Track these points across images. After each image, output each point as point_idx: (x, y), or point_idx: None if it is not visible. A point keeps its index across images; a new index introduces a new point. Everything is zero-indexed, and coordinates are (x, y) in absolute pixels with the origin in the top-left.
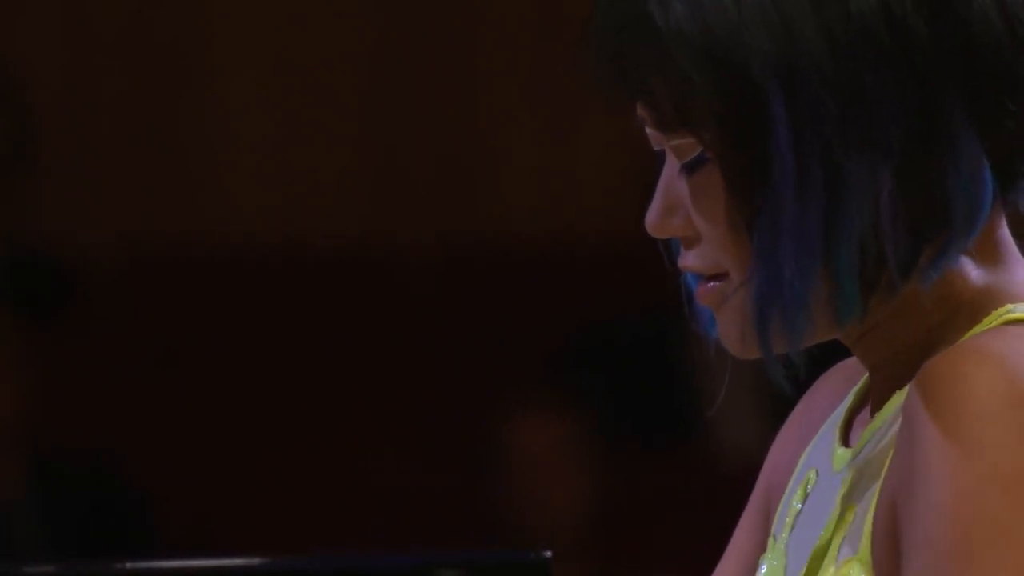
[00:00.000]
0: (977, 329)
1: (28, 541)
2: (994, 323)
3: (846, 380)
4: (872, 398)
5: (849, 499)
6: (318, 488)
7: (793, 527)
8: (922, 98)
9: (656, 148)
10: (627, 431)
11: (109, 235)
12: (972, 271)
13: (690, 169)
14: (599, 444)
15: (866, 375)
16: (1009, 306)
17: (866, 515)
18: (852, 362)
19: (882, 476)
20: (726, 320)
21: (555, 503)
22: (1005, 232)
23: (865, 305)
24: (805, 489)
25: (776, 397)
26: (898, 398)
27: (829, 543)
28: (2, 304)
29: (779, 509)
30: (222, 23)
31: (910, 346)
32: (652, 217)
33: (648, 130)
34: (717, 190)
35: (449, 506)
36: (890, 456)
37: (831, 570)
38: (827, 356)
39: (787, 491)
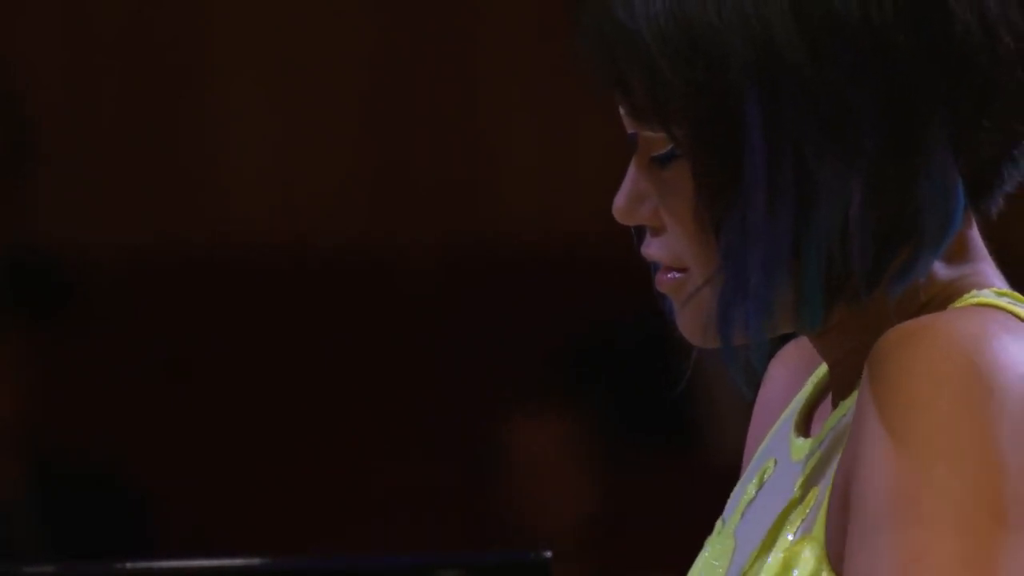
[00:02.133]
0: None
1: (28, 541)
2: (956, 304)
3: (804, 362)
4: (833, 391)
5: (809, 484)
6: (318, 489)
7: (744, 513)
8: (898, 110)
9: (630, 131)
10: (627, 432)
11: (110, 236)
12: (940, 271)
13: (661, 163)
14: (599, 445)
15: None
16: (974, 291)
17: (824, 496)
18: (807, 345)
19: (839, 458)
20: (686, 313)
21: (555, 504)
22: (974, 232)
23: (828, 312)
24: (761, 478)
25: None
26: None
27: (784, 525)
28: (3, 305)
29: (733, 493)
30: (222, 25)
31: (873, 340)
32: (620, 203)
33: (621, 112)
34: (686, 187)
35: (449, 507)
36: (847, 437)
37: (784, 548)
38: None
39: (743, 477)
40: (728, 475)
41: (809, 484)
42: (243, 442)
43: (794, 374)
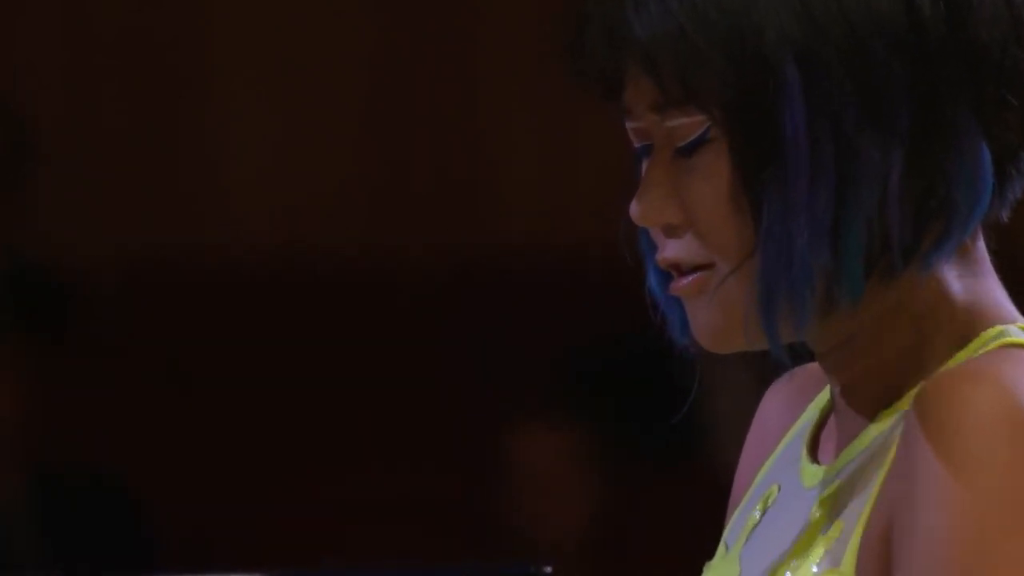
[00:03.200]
0: (968, 351)
1: (27, 553)
2: (989, 347)
3: (799, 392)
4: (845, 415)
5: (833, 514)
6: (318, 500)
7: (749, 538)
8: (930, 85)
9: (639, 144)
10: (628, 446)
11: (109, 245)
12: (953, 284)
13: (689, 151)
14: (600, 458)
15: (826, 388)
16: (1000, 327)
17: (853, 531)
18: (803, 371)
19: (873, 495)
20: (707, 310)
21: (556, 517)
22: (982, 245)
23: (865, 287)
24: (766, 503)
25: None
26: (885, 418)
27: (803, 554)
28: (1, 311)
29: (733, 518)
30: (222, 28)
31: (888, 363)
32: (643, 204)
33: (631, 125)
34: (719, 170)
35: (450, 519)
36: (882, 475)
37: None
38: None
39: (744, 502)
40: (728, 489)
41: (831, 515)
42: (244, 451)
43: (787, 406)
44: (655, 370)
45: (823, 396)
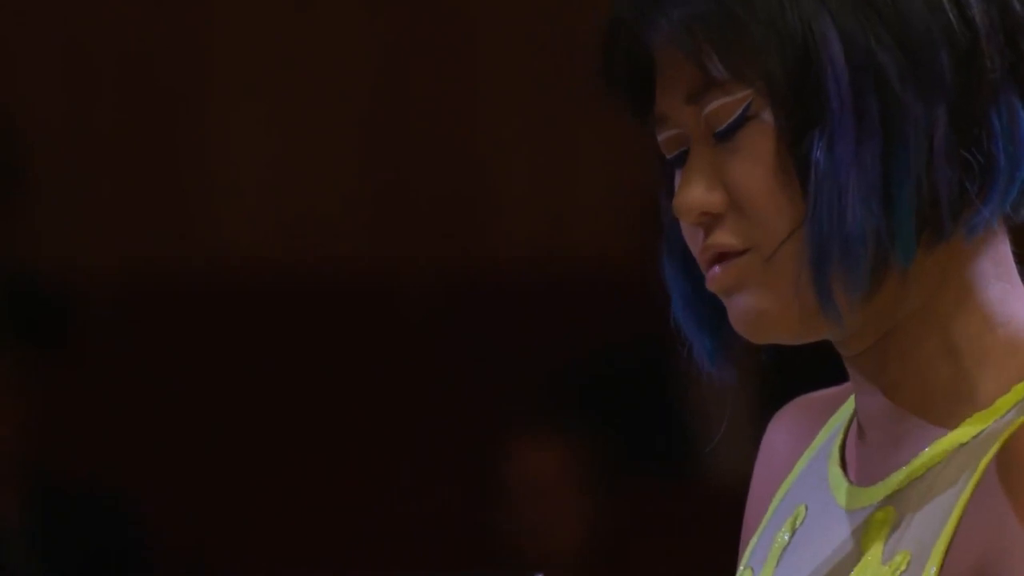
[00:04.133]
0: None
1: (26, 567)
2: None
3: (809, 417)
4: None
5: (895, 543)
6: (314, 513)
7: (780, 561)
8: (971, 43)
9: (672, 154)
10: (621, 457)
11: (108, 262)
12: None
13: (730, 133)
14: (593, 469)
15: (842, 407)
16: None
17: (926, 564)
18: (810, 399)
19: (948, 532)
20: (753, 295)
21: (549, 528)
22: (1008, 249)
23: (917, 248)
24: (793, 524)
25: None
26: (940, 446)
27: None
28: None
29: (754, 542)
30: (220, 47)
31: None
32: (688, 194)
33: (664, 135)
34: (764, 143)
35: (444, 530)
36: (956, 513)
37: None
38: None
39: (765, 525)
40: (721, 503)
41: (893, 546)
42: (240, 467)
43: (797, 431)
44: (648, 385)
45: (842, 415)
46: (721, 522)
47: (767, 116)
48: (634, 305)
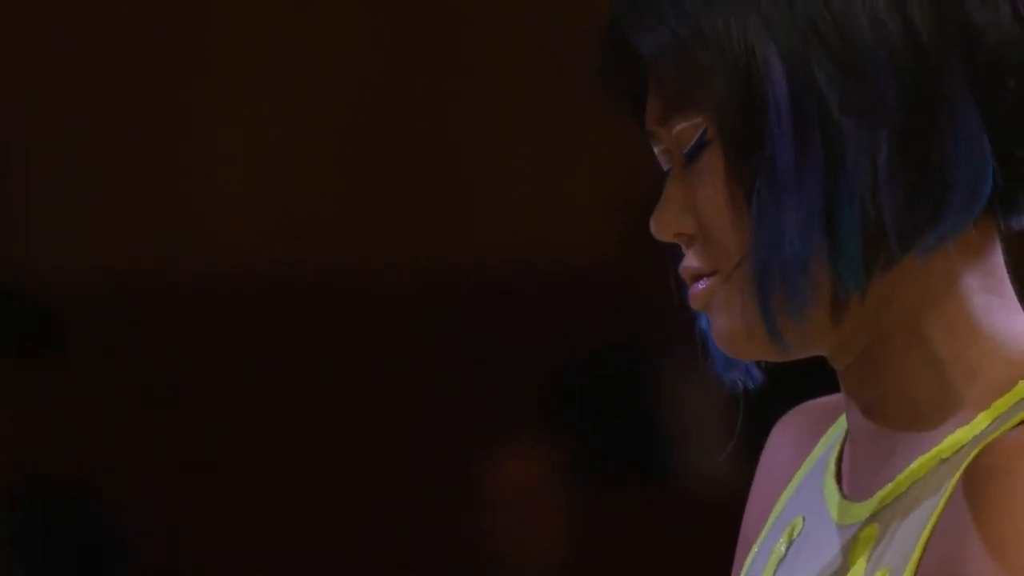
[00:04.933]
0: (1008, 400)
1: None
2: None
3: (810, 425)
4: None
5: (876, 561)
6: (298, 521)
7: (776, 570)
8: (917, 64)
9: (666, 167)
10: (605, 464)
11: (90, 269)
12: (976, 295)
13: (692, 156)
14: (578, 477)
15: (839, 419)
16: None
17: None
18: (811, 406)
19: (919, 548)
20: (718, 314)
21: (533, 536)
22: (1000, 259)
23: (867, 273)
24: (791, 535)
25: (751, 434)
26: (923, 462)
27: None
28: None
29: (752, 553)
30: (205, 54)
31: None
32: (658, 217)
33: (656, 149)
34: (718, 168)
35: (427, 537)
36: (927, 531)
37: None
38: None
39: (764, 537)
40: (702, 511)
41: (875, 562)
42: (223, 474)
43: (798, 440)
44: (630, 393)
45: (840, 425)
46: (705, 530)
47: (719, 141)
48: (619, 311)
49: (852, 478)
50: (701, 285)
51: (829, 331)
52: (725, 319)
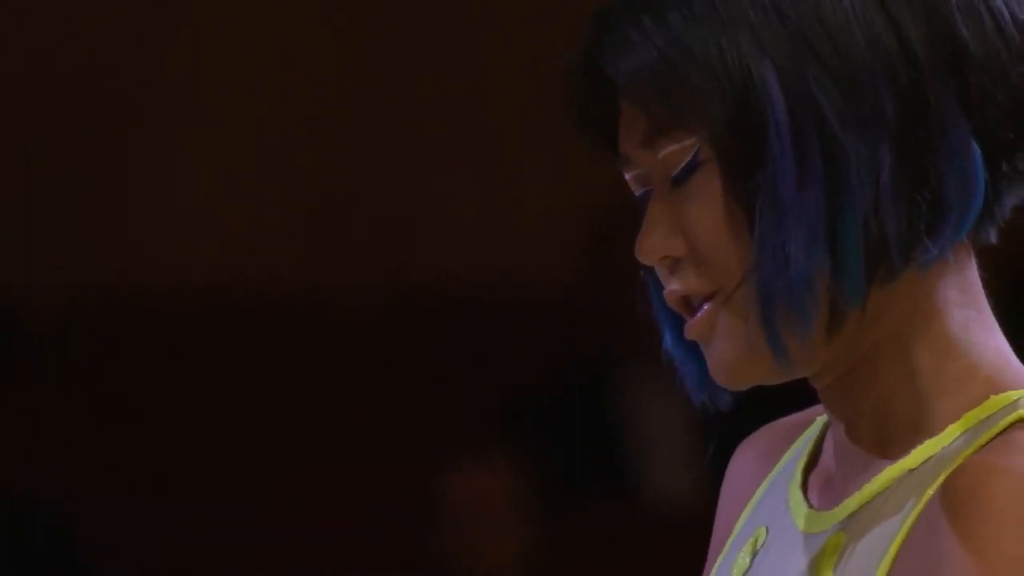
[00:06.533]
0: (978, 414)
1: None
2: (1003, 422)
3: (773, 443)
4: (845, 457)
5: (845, 570)
6: (256, 535)
7: None
8: (912, 79)
9: (639, 192)
10: (562, 482)
11: (44, 283)
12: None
13: (683, 178)
14: (534, 494)
15: (803, 434)
16: (1011, 395)
17: None
18: (774, 427)
19: (888, 562)
20: (720, 342)
21: (495, 550)
22: (975, 274)
23: (868, 288)
24: (754, 546)
25: (716, 451)
26: (889, 472)
27: None
28: None
29: (719, 563)
30: (161, 70)
31: (889, 401)
32: (646, 241)
33: (630, 175)
34: (714, 189)
35: (386, 552)
36: (895, 544)
37: None
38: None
39: (728, 547)
40: (664, 524)
41: (840, 570)
42: (180, 485)
43: (761, 458)
44: (590, 407)
45: (805, 438)
46: (667, 545)
47: (715, 162)
48: (581, 325)
49: (823, 489)
50: (701, 313)
51: (824, 348)
52: (728, 346)
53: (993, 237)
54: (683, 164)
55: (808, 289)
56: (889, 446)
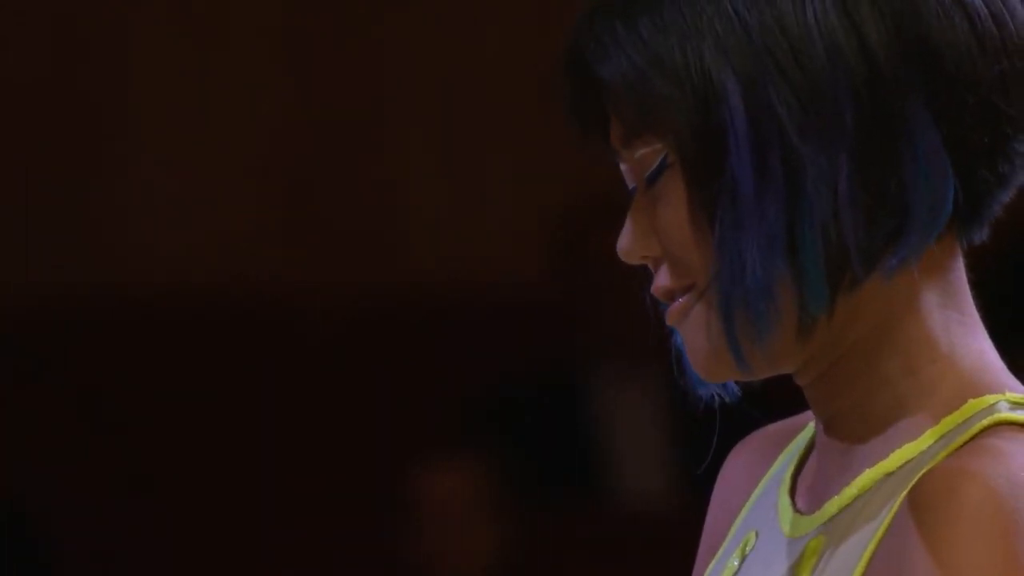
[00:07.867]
0: (955, 417)
1: None
2: (979, 424)
3: (767, 447)
4: (827, 459)
5: (822, 573)
6: (225, 541)
7: None
8: (874, 88)
9: (631, 185)
10: (533, 482)
11: (18, 286)
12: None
13: (652, 179)
14: (505, 495)
15: (799, 435)
16: (989, 399)
17: None
18: (770, 429)
19: (862, 566)
20: (691, 334)
21: (458, 552)
22: (962, 275)
23: (831, 298)
24: (744, 550)
25: (684, 449)
26: (868, 475)
27: None
28: None
29: (711, 567)
30: (137, 72)
31: (870, 401)
32: (623, 241)
33: (623, 168)
34: (680, 192)
35: (357, 554)
36: (870, 547)
37: None
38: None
39: (721, 552)
40: (633, 527)
41: (818, 574)
42: (157, 489)
43: (756, 460)
44: (562, 407)
45: (798, 443)
46: (634, 545)
47: (679, 167)
48: (553, 327)
49: (808, 492)
50: (676, 303)
51: (796, 352)
52: (697, 338)
53: (986, 237)
54: (652, 168)
55: (767, 297)
56: (869, 448)
